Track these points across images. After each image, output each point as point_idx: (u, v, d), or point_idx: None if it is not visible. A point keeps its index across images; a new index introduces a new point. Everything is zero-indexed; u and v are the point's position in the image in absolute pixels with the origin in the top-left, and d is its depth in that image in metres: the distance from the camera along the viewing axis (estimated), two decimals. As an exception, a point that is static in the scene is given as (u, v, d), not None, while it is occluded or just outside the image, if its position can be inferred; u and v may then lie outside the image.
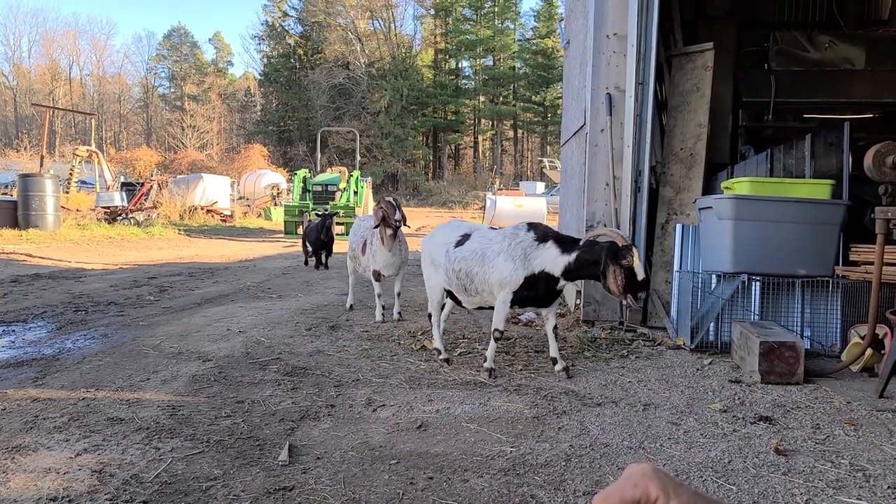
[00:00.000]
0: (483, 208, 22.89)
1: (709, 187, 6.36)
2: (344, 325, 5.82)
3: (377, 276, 5.98)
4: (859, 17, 8.73)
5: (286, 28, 56.03)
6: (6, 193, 22.42)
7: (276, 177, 31.54)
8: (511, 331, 5.60)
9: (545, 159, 37.30)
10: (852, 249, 4.85)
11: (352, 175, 18.41)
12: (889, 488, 2.63)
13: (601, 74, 5.88)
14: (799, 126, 7.91)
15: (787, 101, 7.61)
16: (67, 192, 21.11)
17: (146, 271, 9.75)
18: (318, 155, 21.95)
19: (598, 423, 3.34)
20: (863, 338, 4.21)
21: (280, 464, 2.79)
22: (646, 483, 0.71)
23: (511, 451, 2.97)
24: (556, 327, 4.31)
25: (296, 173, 19.45)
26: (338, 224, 13.56)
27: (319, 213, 11.47)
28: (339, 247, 11.23)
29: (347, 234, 10.05)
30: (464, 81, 55.96)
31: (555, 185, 27.90)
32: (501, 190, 26.70)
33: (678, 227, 5.60)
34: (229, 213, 23.91)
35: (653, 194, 6.18)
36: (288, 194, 25.87)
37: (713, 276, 5.09)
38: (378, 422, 3.34)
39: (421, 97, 51.24)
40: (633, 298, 3.79)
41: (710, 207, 5.04)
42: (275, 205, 26.08)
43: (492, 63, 55.56)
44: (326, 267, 10.60)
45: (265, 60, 57.56)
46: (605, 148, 5.86)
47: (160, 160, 41.78)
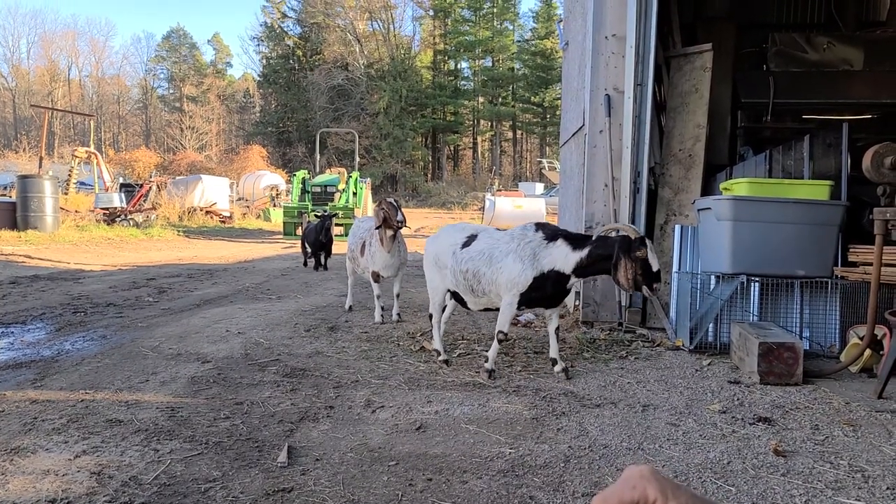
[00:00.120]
0: (482, 209, 22.89)
1: (707, 188, 6.37)
2: (343, 327, 5.82)
3: (376, 277, 5.98)
4: (858, 18, 8.74)
5: (285, 29, 56.06)
6: (5, 195, 22.39)
7: (275, 178, 31.57)
8: (510, 332, 5.60)
9: (544, 160, 37.31)
10: (851, 250, 4.86)
11: (351, 176, 18.42)
12: (888, 489, 2.63)
13: (600, 76, 5.89)
14: (797, 127, 7.92)
15: (786, 102, 7.62)
16: (66, 194, 21.09)
17: (145, 272, 9.74)
18: (317, 156, 21.95)
19: (597, 425, 3.34)
20: (861, 338, 4.21)
21: (279, 465, 2.79)
22: (644, 485, 0.72)
23: (510, 453, 2.97)
24: (558, 328, 4.30)
25: (295, 174, 19.45)
26: (337, 225, 13.57)
27: (318, 214, 11.46)
28: (338, 248, 11.24)
29: (346, 236, 10.07)
30: (463, 82, 55.97)
31: (554, 186, 27.90)
32: (500, 191, 26.72)
33: (677, 228, 5.60)
34: (228, 215, 23.92)
35: (651, 195, 6.19)
36: (287, 195, 25.86)
37: (712, 276, 5.10)
38: (377, 423, 3.34)
39: (420, 98, 51.25)
40: (648, 290, 3.79)
41: (709, 208, 5.05)
42: (274, 206, 26.09)
43: (491, 64, 55.58)
44: (325, 268, 10.60)
45: (264, 61, 57.59)
46: (603, 149, 5.87)
47: (159, 161, 41.82)
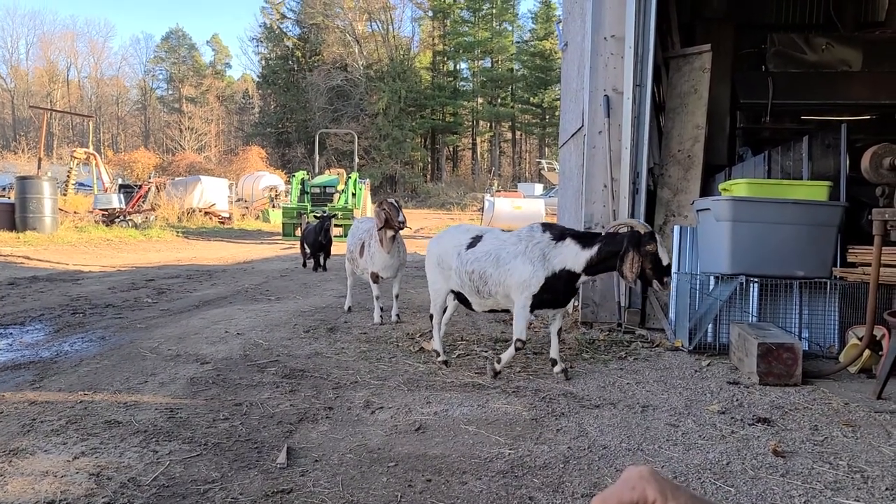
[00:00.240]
0: (481, 210, 22.88)
1: (706, 189, 6.37)
2: (342, 327, 5.82)
3: (375, 278, 5.98)
4: (856, 18, 8.75)
5: (284, 30, 56.05)
6: (4, 196, 22.38)
7: (275, 179, 31.58)
8: (509, 333, 5.59)
9: (543, 161, 37.29)
10: (850, 251, 4.86)
11: (350, 177, 18.42)
12: (887, 490, 2.63)
13: (599, 76, 5.89)
14: (796, 128, 7.94)
15: (785, 103, 7.63)
16: (65, 195, 21.07)
17: (144, 274, 9.73)
18: (317, 157, 21.91)
19: (597, 425, 3.34)
20: (860, 339, 4.22)
21: (278, 466, 2.79)
22: (643, 486, 0.72)
23: (509, 453, 2.97)
24: (560, 329, 4.30)
25: (294, 175, 19.45)
26: (336, 226, 13.57)
27: (318, 214, 11.46)
28: (337, 249, 11.23)
29: (345, 236, 10.05)
30: (462, 83, 55.96)
31: (553, 187, 27.91)
32: (500, 191, 26.69)
33: (676, 228, 5.60)
34: (227, 216, 23.90)
35: (651, 196, 6.19)
36: (286, 196, 25.87)
37: (711, 277, 5.10)
38: (376, 424, 3.34)
39: (419, 99, 51.24)
40: (659, 283, 3.79)
41: (708, 209, 5.05)
42: (273, 207, 26.08)
43: (490, 65, 55.58)
44: (325, 269, 10.59)
45: (263, 62, 57.55)
46: (602, 150, 5.87)
47: (158, 162, 41.83)
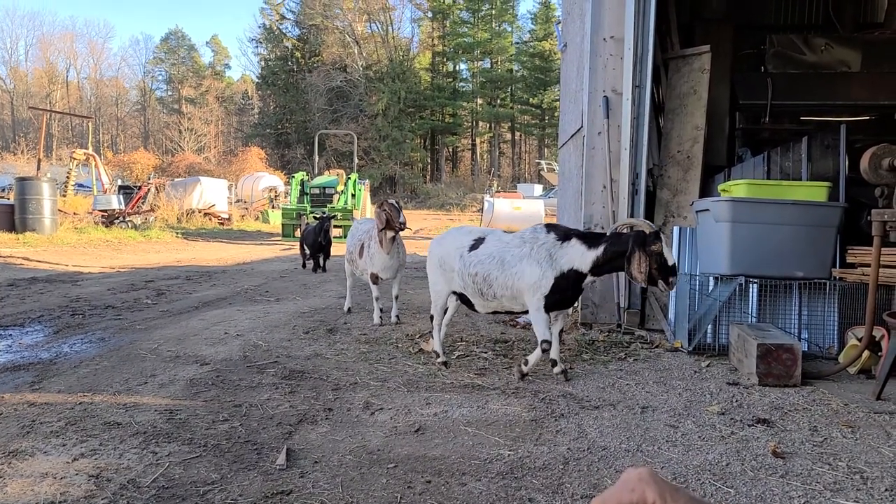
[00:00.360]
0: (481, 211, 22.89)
1: (706, 190, 6.38)
2: (342, 329, 5.82)
3: (375, 279, 5.98)
4: (855, 19, 8.76)
5: (283, 31, 56.08)
6: (3, 197, 22.38)
7: (274, 179, 31.60)
8: (509, 334, 5.60)
9: (543, 162, 37.31)
10: (849, 251, 4.87)
11: (349, 178, 18.42)
12: (886, 490, 2.63)
13: (598, 77, 5.89)
14: (795, 128, 7.94)
15: (784, 104, 7.64)
16: (64, 196, 21.08)
17: (143, 275, 9.73)
18: (316, 158, 21.91)
19: (596, 426, 3.34)
20: (860, 340, 4.22)
21: (278, 468, 2.79)
22: (643, 488, 0.72)
23: (509, 455, 2.97)
24: (562, 331, 4.29)
25: (293, 176, 19.44)
26: (335, 227, 13.57)
27: (317, 215, 11.46)
28: (336, 250, 11.23)
29: (345, 237, 10.06)
30: (461, 84, 55.98)
31: (552, 188, 27.92)
32: (499, 192, 26.72)
33: (675, 229, 5.61)
34: (227, 216, 23.91)
35: (650, 197, 6.19)
36: (286, 197, 25.90)
37: (710, 278, 5.10)
38: (376, 425, 3.34)
39: (418, 100, 51.26)
40: (664, 284, 3.77)
41: (708, 210, 5.05)
42: (272, 208, 26.09)
43: (489, 66, 55.60)
44: (324, 270, 10.59)
45: (262, 63, 57.57)
46: (602, 151, 5.88)
47: (157, 163, 41.84)
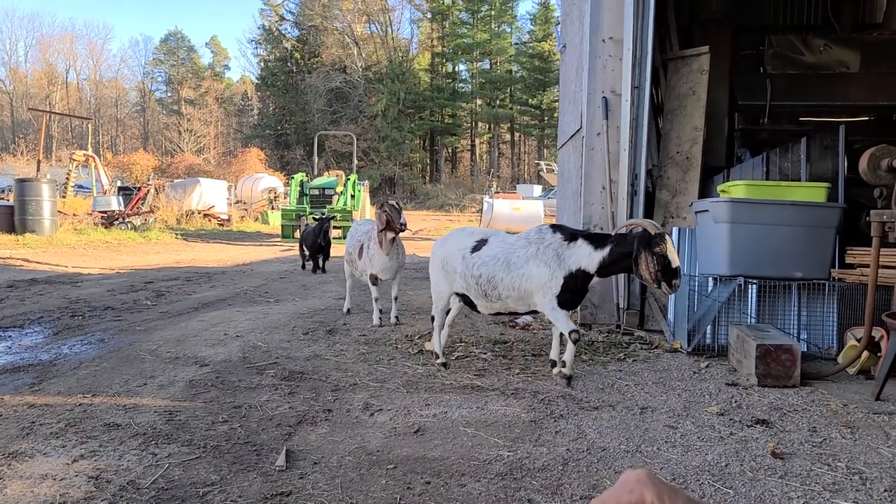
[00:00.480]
0: (480, 211, 22.89)
1: (705, 190, 6.39)
2: (341, 330, 5.82)
3: (374, 280, 5.98)
4: (854, 20, 8.78)
5: (283, 32, 56.07)
6: (3, 198, 22.36)
7: (274, 181, 31.58)
8: (508, 334, 5.60)
9: (542, 162, 37.34)
10: (848, 252, 4.87)
11: (349, 179, 18.41)
12: (885, 491, 2.63)
13: (597, 78, 5.90)
14: (794, 129, 7.95)
15: (783, 105, 7.64)
16: (64, 197, 21.06)
17: (143, 276, 9.73)
18: (316, 158, 21.88)
19: (596, 427, 3.35)
20: (859, 340, 4.22)
21: (277, 469, 2.79)
22: (641, 489, 0.72)
23: (508, 456, 2.97)
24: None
25: (293, 177, 19.43)
26: (335, 228, 13.57)
27: (317, 216, 11.46)
28: (336, 251, 11.23)
29: (344, 238, 10.04)
30: (460, 85, 56.03)
31: (552, 188, 27.93)
32: (498, 193, 26.73)
33: (674, 230, 5.61)
34: (226, 217, 23.89)
35: (649, 198, 6.20)
36: (285, 198, 25.87)
37: (710, 279, 5.10)
38: (375, 426, 3.34)
39: (418, 101, 51.28)
40: (667, 286, 3.74)
41: (707, 211, 5.06)
42: (272, 209, 26.07)
43: (488, 66, 55.63)
44: (324, 271, 10.59)
45: (262, 64, 57.59)
46: (601, 151, 5.88)
47: (157, 164, 41.82)
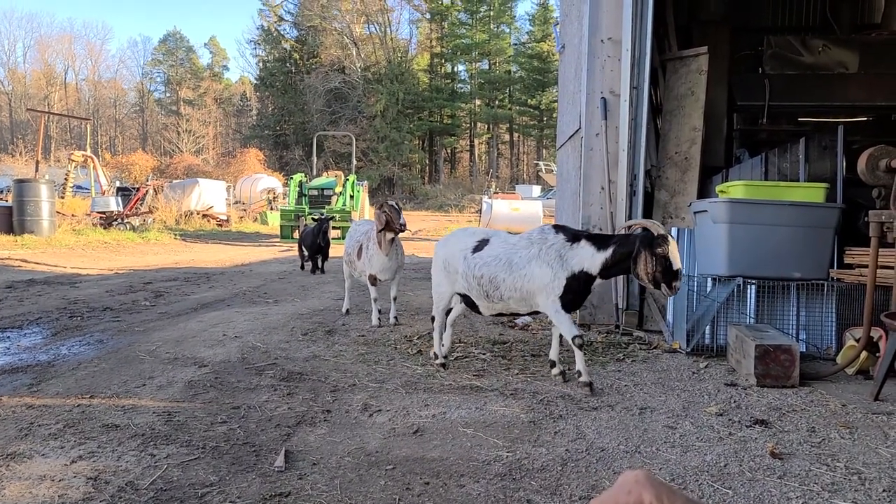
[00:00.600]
0: (479, 212, 22.89)
1: (704, 191, 6.39)
2: (340, 330, 5.81)
3: (373, 280, 5.98)
4: (853, 21, 8.78)
5: (282, 32, 56.06)
6: (1, 199, 22.33)
7: (272, 181, 31.56)
8: (507, 335, 5.60)
9: (541, 163, 37.39)
10: (847, 252, 4.88)
11: (348, 179, 18.40)
12: (884, 491, 2.63)
13: (596, 79, 5.90)
14: (793, 129, 7.96)
15: (782, 105, 7.64)
16: (63, 198, 21.03)
17: (142, 276, 9.72)
18: (315, 159, 21.87)
19: (595, 428, 3.34)
20: (858, 341, 4.23)
21: (276, 470, 2.79)
22: (639, 490, 0.72)
23: (507, 456, 2.97)
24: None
25: (292, 177, 19.42)
26: (334, 228, 13.58)
27: (316, 217, 11.45)
28: (335, 251, 11.22)
29: (343, 239, 10.04)
30: (459, 85, 56.05)
31: (551, 189, 27.96)
32: (497, 193, 26.74)
33: (673, 230, 5.61)
34: (225, 218, 23.88)
35: (648, 198, 6.20)
36: (284, 198, 25.86)
37: (709, 279, 5.10)
38: (374, 427, 3.34)
39: (417, 101, 51.28)
40: (667, 288, 3.71)
41: (706, 211, 5.06)
42: (271, 209, 26.06)
43: (487, 67, 55.64)
44: (323, 271, 10.59)
45: (261, 65, 57.58)
46: (600, 152, 5.88)
47: (156, 165, 41.81)
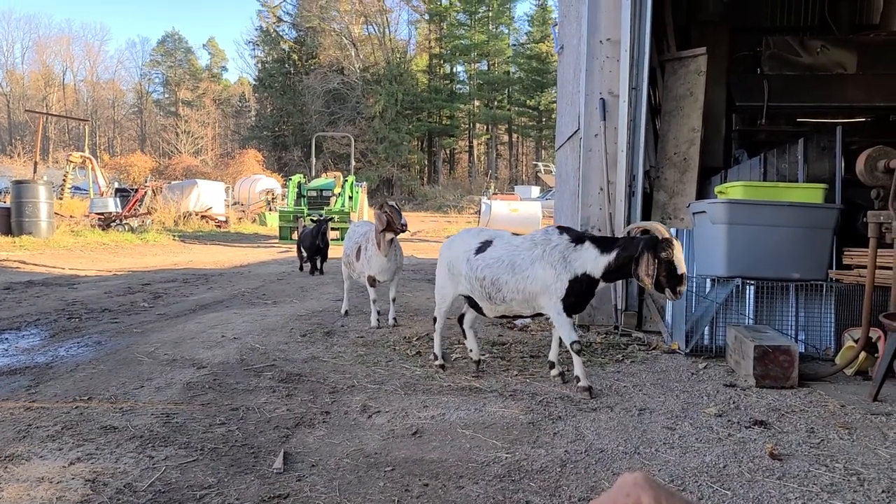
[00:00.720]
0: (478, 213, 22.91)
1: (703, 191, 6.39)
2: (339, 331, 5.81)
3: (372, 281, 5.98)
4: (851, 21, 8.80)
5: (280, 33, 56.07)
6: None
7: (271, 182, 31.56)
8: (506, 336, 5.60)
9: (540, 163, 37.41)
10: (845, 253, 4.88)
11: (347, 180, 18.40)
12: (883, 492, 2.63)
13: (595, 79, 5.90)
14: (792, 130, 7.96)
15: (780, 106, 7.65)
16: (61, 199, 21.01)
17: (140, 278, 9.71)
18: (313, 160, 21.89)
19: (594, 429, 3.34)
20: (856, 341, 4.23)
21: (275, 471, 2.78)
22: (638, 492, 0.72)
23: (506, 457, 2.97)
24: None
25: (290, 178, 19.42)
26: (333, 229, 13.55)
27: (314, 218, 11.45)
28: (334, 252, 11.21)
29: (342, 240, 10.04)
30: (458, 86, 56.08)
31: (550, 190, 27.98)
32: (496, 194, 26.76)
33: (672, 231, 5.61)
34: (224, 219, 23.86)
35: (647, 199, 6.20)
36: (283, 200, 25.85)
37: (707, 280, 5.11)
38: (373, 428, 3.33)
39: (416, 102, 51.29)
40: (671, 292, 3.66)
41: (704, 212, 5.06)
42: (270, 210, 26.05)
43: (486, 68, 55.67)
44: (321, 272, 10.58)
45: (259, 66, 57.54)
46: (599, 153, 5.88)
47: (154, 166, 41.78)
